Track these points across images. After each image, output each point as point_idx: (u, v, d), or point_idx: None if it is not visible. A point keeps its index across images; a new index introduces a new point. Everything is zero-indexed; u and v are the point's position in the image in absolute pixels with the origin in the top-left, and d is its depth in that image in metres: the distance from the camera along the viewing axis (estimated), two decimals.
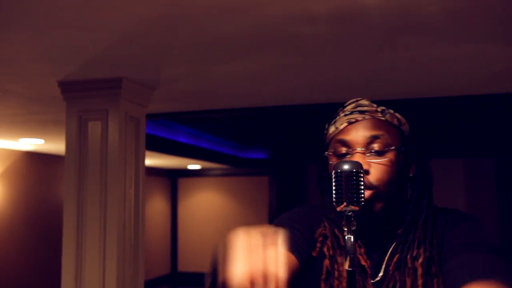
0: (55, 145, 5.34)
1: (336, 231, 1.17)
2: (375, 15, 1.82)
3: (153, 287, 8.20)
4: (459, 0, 1.71)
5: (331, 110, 1.25)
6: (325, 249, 1.16)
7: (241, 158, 7.85)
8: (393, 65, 2.52)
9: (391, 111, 1.18)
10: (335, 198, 0.96)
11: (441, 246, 1.10)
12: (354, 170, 0.96)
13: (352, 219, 0.95)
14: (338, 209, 0.96)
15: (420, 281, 1.06)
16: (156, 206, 8.63)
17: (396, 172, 1.11)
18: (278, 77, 2.75)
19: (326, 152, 1.18)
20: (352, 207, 0.95)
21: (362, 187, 0.96)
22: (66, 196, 2.70)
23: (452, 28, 1.99)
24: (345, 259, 0.93)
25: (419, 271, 1.07)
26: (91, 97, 2.70)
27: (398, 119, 1.17)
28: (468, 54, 2.33)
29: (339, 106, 1.22)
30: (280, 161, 7.94)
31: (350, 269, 0.92)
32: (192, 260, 8.83)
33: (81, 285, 2.62)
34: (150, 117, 3.58)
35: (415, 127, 1.20)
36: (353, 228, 0.95)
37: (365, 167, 1.07)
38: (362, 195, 0.96)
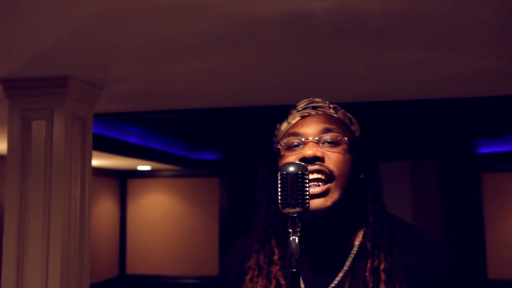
0: None
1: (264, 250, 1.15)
2: (321, 19, 1.85)
3: None
4: (403, 6, 1.76)
5: (282, 112, 1.24)
6: (247, 279, 1.13)
7: (192, 159, 7.79)
8: (340, 69, 2.57)
9: (343, 110, 1.19)
10: (280, 200, 0.96)
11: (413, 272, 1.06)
12: (300, 172, 0.96)
13: (297, 220, 0.96)
14: (284, 211, 0.96)
15: None
16: (105, 208, 8.44)
17: (350, 164, 1.10)
18: (228, 79, 2.75)
19: (278, 145, 1.15)
20: (297, 209, 0.96)
21: (307, 189, 0.97)
22: (7, 198, 2.60)
23: (397, 34, 2.04)
24: (290, 261, 0.94)
25: (382, 277, 1.04)
26: (35, 95, 2.62)
27: (349, 118, 1.18)
28: (413, 60, 2.40)
29: (290, 107, 1.22)
30: (231, 162, 7.94)
31: (294, 270, 0.93)
32: (141, 263, 8.68)
33: None
34: (98, 117, 3.50)
35: (365, 130, 1.21)
36: (298, 229, 0.95)
37: (318, 154, 1.07)
38: (307, 197, 0.96)
